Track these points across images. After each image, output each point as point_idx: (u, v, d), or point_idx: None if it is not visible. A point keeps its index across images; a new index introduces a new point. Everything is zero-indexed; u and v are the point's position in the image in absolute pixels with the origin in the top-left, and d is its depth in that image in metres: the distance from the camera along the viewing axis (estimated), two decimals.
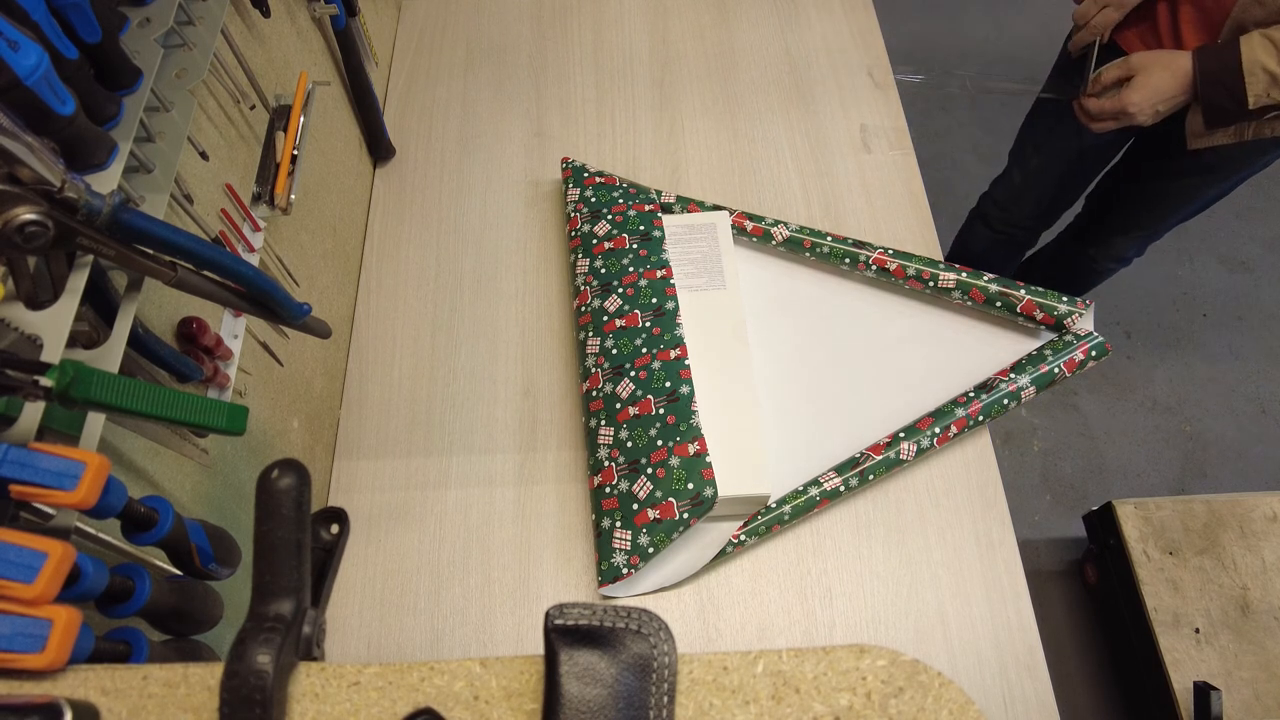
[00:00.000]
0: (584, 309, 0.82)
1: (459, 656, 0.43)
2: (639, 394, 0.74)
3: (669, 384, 0.74)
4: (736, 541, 0.72)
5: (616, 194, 0.89)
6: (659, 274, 0.81)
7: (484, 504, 0.77)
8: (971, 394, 0.78)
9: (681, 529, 0.68)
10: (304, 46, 0.80)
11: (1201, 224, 1.45)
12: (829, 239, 0.86)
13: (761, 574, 0.74)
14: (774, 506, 0.73)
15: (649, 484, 0.70)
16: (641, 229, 0.84)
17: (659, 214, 0.86)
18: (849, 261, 0.86)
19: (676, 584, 0.72)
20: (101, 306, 0.44)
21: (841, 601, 0.72)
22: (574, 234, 0.87)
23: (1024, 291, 0.81)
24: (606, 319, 0.79)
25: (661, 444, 0.71)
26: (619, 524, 0.70)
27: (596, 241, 0.85)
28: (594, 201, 0.88)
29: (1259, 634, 1.17)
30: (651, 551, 0.69)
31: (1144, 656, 1.22)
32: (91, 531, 0.41)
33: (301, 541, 0.35)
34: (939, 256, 0.88)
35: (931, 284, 0.84)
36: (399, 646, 0.71)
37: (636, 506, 0.70)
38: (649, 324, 0.77)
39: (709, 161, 0.99)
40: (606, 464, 0.73)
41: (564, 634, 0.32)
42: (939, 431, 0.75)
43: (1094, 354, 0.79)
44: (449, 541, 0.76)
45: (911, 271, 0.84)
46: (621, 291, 0.80)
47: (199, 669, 0.33)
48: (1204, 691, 1.12)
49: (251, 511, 0.35)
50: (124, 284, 0.44)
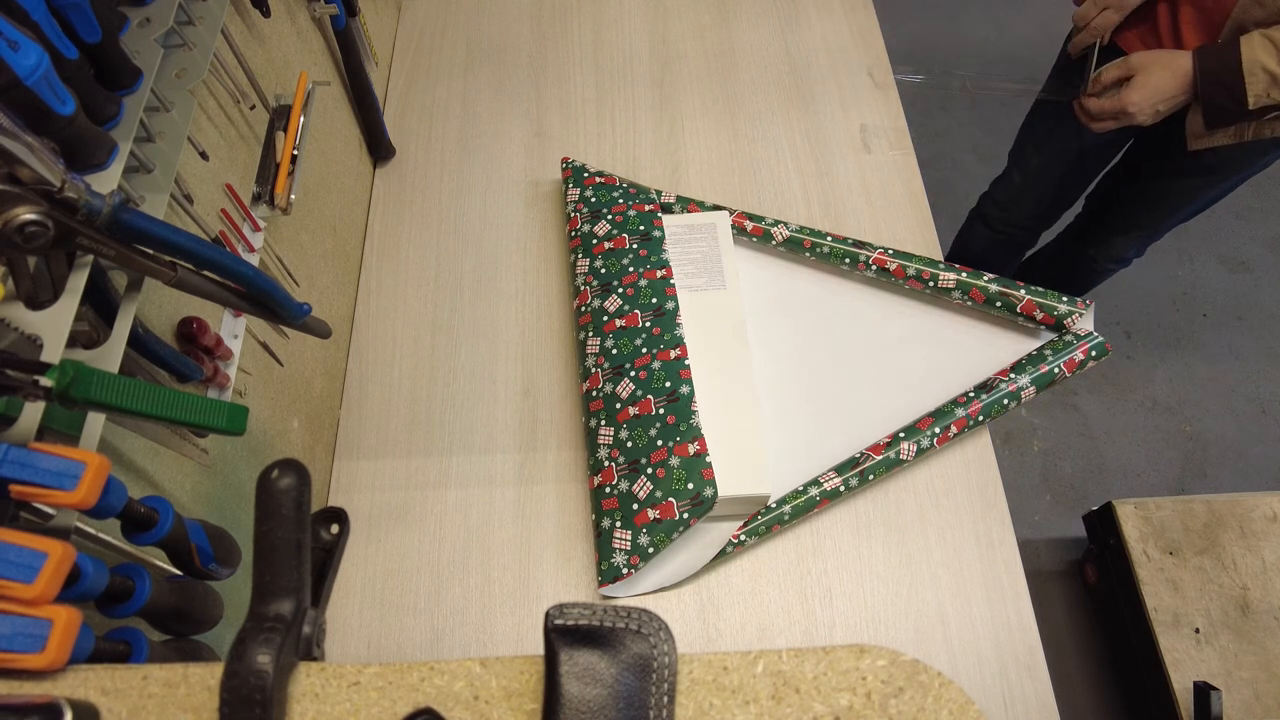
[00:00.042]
0: (584, 309, 0.82)
1: (459, 656, 0.43)
2: (639, 394, 0.74)
3: (669, 384, 0.74)
4: (736, 541, 0.72)
5: (616, 194, 0.89)
6: (659, 274, 0.81)
7: (484, 504, 0.77)
8: (971, 394, 0.78)
9: (681, 529, 0.68)
10: (304, 46, 0.80)
11: (1201, 224, 1.45)
12: (829, 239, 0.87)
13: (761, 574, 0.74)
14: (774, 506, 0.73)
15: (649, 484, 0.70)
16: (641, 229, 0.84)
17: (659, 214, 0.86)
18: (849, 261, 0.86)
19: (676, 584, 0.72)
20: (101, 306, 0.44)
21: (841, 601, 0.72)
22: (574, 234, 0.87)
23: (1024, 291, 0.81)
24: (606, 319, 0.79)
25: (661, 444, 0.71)
26: (619, 524, 0.70)
27: (596, 241, 0.85)
28: (594, 201, 0.88)
29: (1259, 634, 1.17)
30: (651, 551, 0.69)
31: (1144, 656, 1.22)
32: (91, 531, 0.41)
33: (301, 541, 0.35)
34: (939, 256, 0.88)
35: (931, 284, 0.84)
36: (399, 646, 0.71)
37: (636, 506, 0.70)
38: (649, 324, 0.77)
39: (709, 161, 0.99)
40: (606, 464, 0.73)
41: (564, 634, 0.32)
42: (939, 431, 0.75)
43: (1094, 354, 0.79)
44: (449, 541, 0.76)
45: (911, 271, 0.84)
46: (621, 291, 0.80)
47: (199, 669, 0.33)
48: (1204, 691, 1.12)
49: (251, 511, 0.35)
50: (124, 284, 0.44)
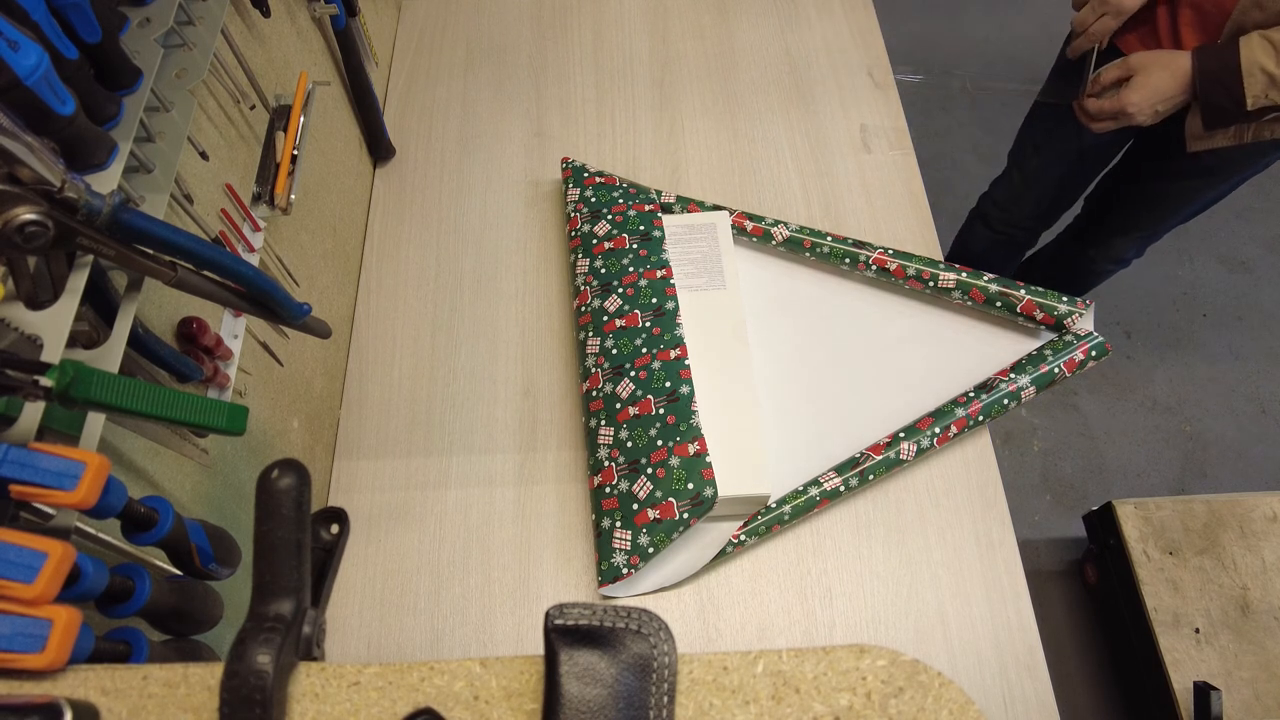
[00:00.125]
0: (584, 309, 0.82)
1: (459, 656, 0.43)
2: (639, 394, 0.74)
3: (669, 384, 0.74)
4: (736, 541, 0.72)
5: (616, 194, 0.89)
6: (659, 274, 0.81)
7: (484, 504, 0.77)
8: (971, 394, 0.78)
9: (681, 529, 0.68)
10: (304, 46, 0.80)
11: (1201, 224, 1.45)
12: (829, 239, 0.87)
13: (761, 574, 0.74)
14: (774, 506, 0.73)
15: (649, 484, 0.70)
16: (641, 229, 0.84)
17: (659, 214, 0.86)
18: (849, 261, 0.86)
19: (676, 584, 0.72)
20: (101, 306, 0.44)
21: (841, 601, 0.72)
22: (574, 234, 0.87)
23: (1024, 291, 0.81)
24: (606, 319, 0.79)
25: (661, 444, 0.71)
26: (619, 524, 0.70)
27: (596, 241, 0.85)
28: (594, 201, 0.88)
29: (1259, 634, 1.17)
30: (651, 551, 0.69)
31: (1144, 656, 1.22)
32: (91, 531, 0.41)
33: (301, 541, 0.35)
34: (939, 256, 0.88)
35: (931, 284, 0.84)
36: (399, 646, 0.71)
37: (636, 506, 0.70)
38: (649, 324, 0.77)
39: (709, 161, 0.99)
40: (606, 464, 0.73)
41: (564, 634, 0.32)
42: (939, 431, 0.75)
43: (1094, 354, 0.79)
44: (449, 541, 0.76)
45: (911, 271, 0.84)
46: (621, 291, 0.80)
47: (199, 669, 0.32)
48: (1204, 691, 1.12)
49: (251, 511, 0.35)
50: (124, 284, 0.44)
